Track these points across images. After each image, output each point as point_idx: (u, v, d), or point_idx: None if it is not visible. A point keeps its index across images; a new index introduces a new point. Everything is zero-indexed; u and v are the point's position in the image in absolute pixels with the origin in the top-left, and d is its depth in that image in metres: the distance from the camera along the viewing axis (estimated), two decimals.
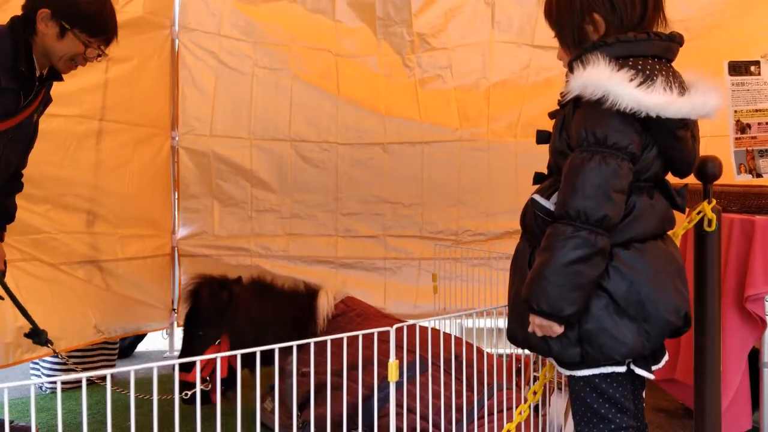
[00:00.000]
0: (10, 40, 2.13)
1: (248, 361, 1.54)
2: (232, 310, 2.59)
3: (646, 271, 1.51)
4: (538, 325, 1.51)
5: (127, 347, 3.91)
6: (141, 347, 4.08)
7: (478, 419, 2.16)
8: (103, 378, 1.26)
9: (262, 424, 2.51)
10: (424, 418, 2.05)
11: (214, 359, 2.37)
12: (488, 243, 3.77)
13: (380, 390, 2.14)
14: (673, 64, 1.60)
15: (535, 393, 1.91)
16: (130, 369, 1.24)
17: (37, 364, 3.29)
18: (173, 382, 1.48)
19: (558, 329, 1.49)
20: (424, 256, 3.83)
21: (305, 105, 3.82)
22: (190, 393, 2.27)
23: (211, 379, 2.45)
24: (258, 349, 1.44)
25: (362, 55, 3.82)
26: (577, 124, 1.50)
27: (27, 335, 2.38)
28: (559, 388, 2.20)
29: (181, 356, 2.78)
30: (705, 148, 1.84)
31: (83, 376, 1.16)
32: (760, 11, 3.44)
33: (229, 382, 2.36)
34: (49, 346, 2.38)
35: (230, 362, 2.37)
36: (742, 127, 2.73)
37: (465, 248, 3.32)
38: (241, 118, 3.80)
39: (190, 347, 2.68)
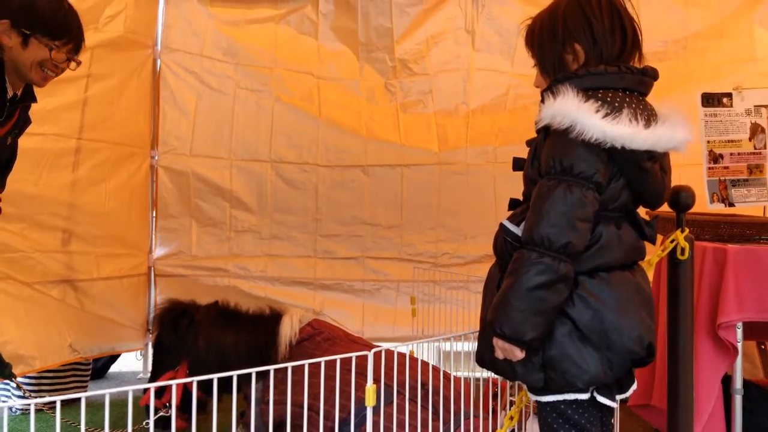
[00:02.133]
0: None
1: (207, 388, 1.53)
2: (191, 336, 2.59)
3: (610, 300, 1.53)
4: (501, 348, 1.53)
5: (100, 368, 3.85)
6: (114, 368, 4.01)
7: None
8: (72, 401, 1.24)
9: None
10: None
11: (177, 385, 2.37)
12: (467, 266, 3.80)
13: (344, 424, 2.09)
14: (650, 95, 1.64)
15: (511, 418, 1.92)
16: (105, 392, 1.23)
17: (7, 384, 3.22)
18: (143, 407, 1.47)
19: (519, 354, 1.51)
20: (403, 279, 3.84)
21: (286, 126, 3.84)
22: (152, 419, 2.24)
23: (170, 404, 2.44)
24: (215, 376, 1.43)
25: (345, 79, 3.86)
26: (546, 153, 1.54)
27: None
28: (535, 413, 2.21)
29: (149, 380, 2.79)
30: (679, 177, 1.89)
31: (57, 399, 1.15)
32: (732, 42, 3.55)
33: (189, 408, 2.34)
34: (12, 380, 2.33)
35: (188, 388, 2.35)
36: (714, 157, 2.79)
37: (444, 271, 3.33)
38: (221, 138, 3.80)
39: (152, 372, 2.72)
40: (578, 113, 1.46)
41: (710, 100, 2.82)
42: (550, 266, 1.46)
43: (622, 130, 1.46)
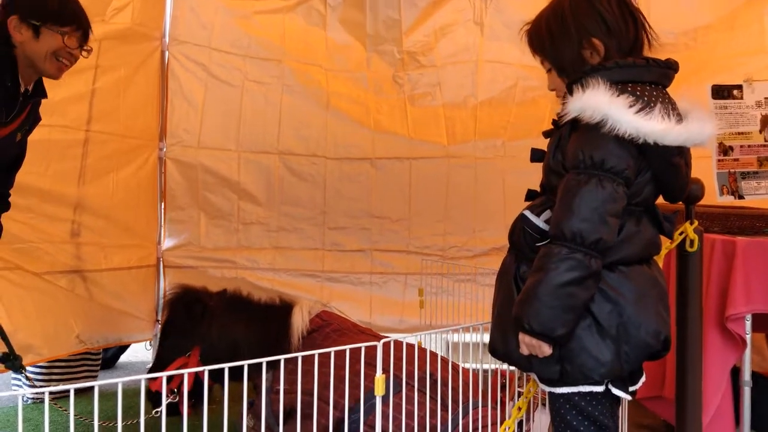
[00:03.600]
0: None
1: (218, 376, 1.54)
2: (205, 323, 2.58)
3: (629, 294, 1.52)
4: (527, 344, 1.51)
5: (110, 358, 3.88)
6: (124, 358, 4.04)
7: None
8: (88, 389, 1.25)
9: None
10: None
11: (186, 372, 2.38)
12: (474, 259, 3.79)
13: (353, 412, 2.11)
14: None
15: (519, 409, 1.92)
16: (117, 381, 1.24)
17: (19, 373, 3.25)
18: (151, 395, 1.48)
19: (547, 350, 1.49)
20: (411, 271, 3.84)
21: (294, 119, 3.84)
22: (163, 406, 2.25)
23: (179, 391, 2.44)
24: (226, 366, 1.44)
25: (353, 71, 3.85)
26: (574, 146, 1.51)
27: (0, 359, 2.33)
28: (543, 404, 2.21)
29: (154, 364, 2.75)
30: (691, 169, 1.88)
31: (71, 387, 1.16)
32: (743, 34, 3.52)
33: (198, 395, 2.34)
34: (22, 373, 2.34)
35: (200, 376, 2.36)
36: (724, 150, 2.78)
37: (451, 263, 3.33)
38: (229, 130, 3.81)
39: (161, 358, 2.66)
40: (610, 108, 1.43)
41: (721, 92, 2.81)
42: (582, 262, 1.44)
43: (655, 126, 1.44)
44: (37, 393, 3.16)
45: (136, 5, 3.42)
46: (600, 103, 1.44)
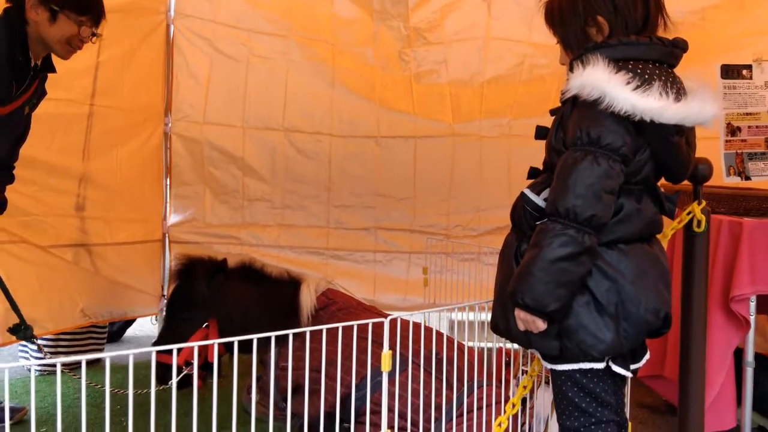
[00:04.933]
0: (4, 30, 2.11)
1: (230, 346, 1.54)
2: (222, 294, 2.53)
3: (628, 271, 1.53)
4: (522, 319, 1.53)
5: (116, 332, 3.90)
6: (129, 332, 4.07)
7: (457, 417, 2.17)
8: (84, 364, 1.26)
9: (246, 412, 2.51)
10: (403, 416, 2.05)
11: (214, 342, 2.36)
12: (479, 238, 3.79)
13: (358, 389, 2.12)
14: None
15: (525, 387, 1.94)
16: (128, 353, 1.25)
17: (25, 345, 3.28)
18: (158, 367, 1.48)
19: (541, 325, 1.51)
20: (415, 250, 3.85)
21: (300, 95, 3.82)
22: (177, 379, 2.25)
23: (191, 364, 2.41)
24: (255, 336, 1.45)
25: (359, 46, 3.82)
26: (573, 123, 1.52)
27: (11, 330, 2.35)
28: (547, 382, 2.23)
29: (162, 335, 2.68)
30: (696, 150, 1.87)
31: (83, 358, 1.16)
32: (752, 14, 3.48)
33: (210, 367, 2.31)
34: (34, 342, 2.36)
35: (210, 348, 2.33)
36: (732, 130, 2.76)
37: (456, 242, 3.34)
38: (234, 106, 3.79)
39: (176, 328, 2.58)
40: (608, 85, 1.44)
41: (729, 72, 2.78)
42: (575, 238, 1.45)
43: (652, 104, 1.44)
44: (44, 365, 3.19)
45: None
46: (598, 79, 1.45)
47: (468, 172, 3.87)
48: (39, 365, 3.20)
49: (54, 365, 3.05)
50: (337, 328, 1.65)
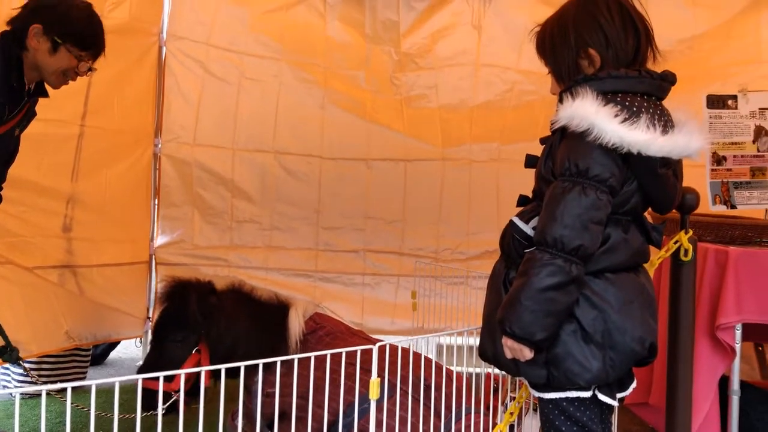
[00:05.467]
0: (1, 54, 2.12)
1: (217, 371, 1.51)
2: (215, 316, 2.47)
3: (614, 300, 1.54)
4: (509, 347, 1.53)
5: (99, 354, 3.86)
6: (114, 355, 4.02)
7: None
8: (65, 390, 1.25)
9: None
10: None
11: (197, 367, 2.32)
12: (467, 262, 3.80)
13: (345, 416, 2.10)
14: None
15: (511, 414, 1.93)
16: (114, 380, 1.24)
17: (7, 368, 3.23)
18: (144, 393, 1.46)
19: (528, 353, 1.52)
20: (403, 273, 3.85)
21: (291, 117, 3.83)
22: (164, 406, 2.21)
23: (178, 390, 2.37)
24: (242, 364, 1.43)
25: (351, 70, 3.85)
26: (562, 154, 1.53)
27: None
28: (534, 410, 2.22)
29: (151, 358, 2.64)
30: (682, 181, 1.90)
31: (69, 385, 1.15)
32: (738, 44, 3.55)
33: (194, 392, 2.27)
34: (20, 364, 2.33)
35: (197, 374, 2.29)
36: (718, 159, 2.80)
37: (444, 266, 3.34)
38: (225, 127, 3.80)
39: (165, 352, 2.50)
40: (596, 117, 1.46)
41: (715, 101, 2.82)
42: (562, 268, 1.46)
43: (639, 137, 1.46)
44: (36, 390, 3.13)
45: (134, 0, 3.40)
46: (587, 112, 1.46)
47: (457, 195, 3.89)
48: (32, 391, 3.15)
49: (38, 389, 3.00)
50: (327, 354, 1.64)
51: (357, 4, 3.79)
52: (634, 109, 1.50)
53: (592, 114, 1.46)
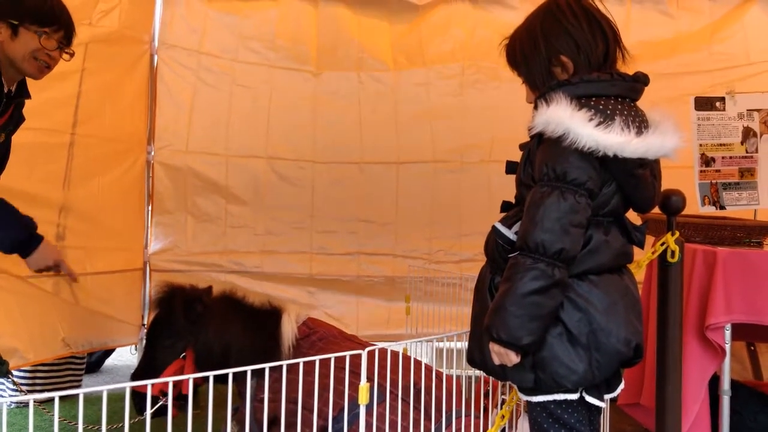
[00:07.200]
0: None
1: (206, 377, 1.52)
2: (202, 325, 2.50)
3: (598, 302, 1.56)
4: (496, 352, 1.55)
5: (94, 362, 3.87)
6: (109, 362, 4.03)
7: None
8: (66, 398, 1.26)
9: None
10: None
11: (180, 372, 2.33)
12: (460, 264, 3.81)
13: (336, 421, 2.11)
14: (642, 99, 1.66)
15: (503, 417, 1.94)
16: (102, 389, 1.25)
17: (1, 380, 3.23)
18: (135, 396, 1.47)
19: (515, 358, 1.53)
20: (397, 275, 3.86)
21: (283, 123, 3.84)
22: (152, 410, 2.22)
23: (166, 394, 2.38)
24: (231, 371, 1.45)
25: (342, 72, 3.85)
26: (540, 160, 1.56)
27: None
28: (526, 412, 2.23)
29: (142, 363, 2.67)
30: (672, 179, 1.92)
31: (56, 395, 1.16)
32: (725, 46, 3.57)
33: (184, 399, 2.28)
34: (9, 378, 2.32)
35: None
36: (706, 161, 2.82)
37: (437, 269, 3.35)
38: (217, 134, 3.80)
39: (154, 357, 2.55)
40: (571, 122, 1.48)
41: (703, 103, 2.85)
42: (545, 272, 1.48)
43: (614, 139, 1.48)
44: (23, 400, 3.14)
45: (124, 8, 3.40)
46: (561, 117, 1.49)
47: (450, 197, 3.91)
48: (18, 400, 3.15)
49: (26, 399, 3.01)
50: (316, 359, 1.65)
51: (348, 8, 3.80)
52: (608, 112, 1.52)
53: (567, 119, 1.48)
